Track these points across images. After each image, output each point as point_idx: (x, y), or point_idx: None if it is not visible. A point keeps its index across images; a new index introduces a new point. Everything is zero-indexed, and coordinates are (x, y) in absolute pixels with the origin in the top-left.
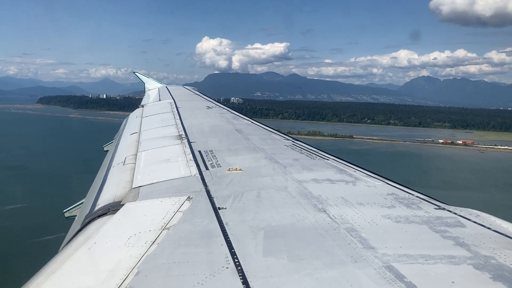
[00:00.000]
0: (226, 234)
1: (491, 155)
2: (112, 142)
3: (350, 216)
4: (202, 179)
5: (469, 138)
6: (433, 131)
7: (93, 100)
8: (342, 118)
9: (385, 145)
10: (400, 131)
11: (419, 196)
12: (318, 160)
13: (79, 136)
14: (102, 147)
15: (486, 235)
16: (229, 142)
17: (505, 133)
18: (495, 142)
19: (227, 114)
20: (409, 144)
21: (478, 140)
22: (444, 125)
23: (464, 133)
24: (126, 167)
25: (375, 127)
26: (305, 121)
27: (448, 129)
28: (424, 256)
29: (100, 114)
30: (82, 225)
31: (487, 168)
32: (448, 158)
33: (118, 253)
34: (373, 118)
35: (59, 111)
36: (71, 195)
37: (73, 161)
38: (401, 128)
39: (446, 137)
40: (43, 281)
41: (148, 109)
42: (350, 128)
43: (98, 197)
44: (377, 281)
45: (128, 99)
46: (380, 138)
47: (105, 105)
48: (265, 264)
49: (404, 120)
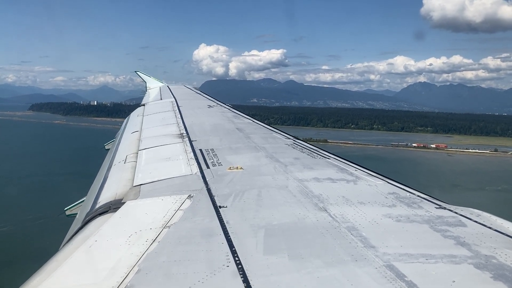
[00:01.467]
0: (227, 232)
1: (456, 158)
2: (113, 141)
3: (351, 215)
4: (203, 177)
5: (448, 142)
6: (415, 135)
7: (83, 107)
8: (327, 123)
9: (355, 149)
10: (381, 136)
11: (420, 195)
12: (319, 159)
13: (48, 141)
14: (103, 145)
15: (487, 235)
16: (230, 141)
17: (484, 137)
18: (470, 146)
19: (228, 113)
20: (380, 148)
21: (455, 144)
22: (426, 130)
23: (445, 138)
24: (127, 166)
25: (358, 132)
26: (290, 126)
27: (430, 134)
28: (425, 255)
29: (86, 120)
30: (83, 223)
31: (443, 170)
32: (409, 160)
33: (119, 251)
34: (357, 123)
35: (46, 118)
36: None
37: (22, 164)
38: (384, 133)
39: (421, 141)
40: (44, 278)
41: (149, 108)
42: (332, 133)
43: (99, 195)
44: (378, 280)
45: (119, 105)
46: (355, 142)
47: (93, 112)
48: (266, 262)
49: (387, 125)
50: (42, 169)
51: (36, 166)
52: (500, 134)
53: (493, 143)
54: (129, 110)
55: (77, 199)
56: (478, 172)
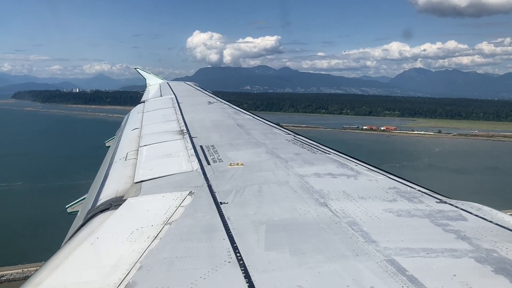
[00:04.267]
0: (228, 228)
1: (391, 139)
2: (114, 138)
3: (352, 210)
4: (204, 174)
5: (407, 125)
6: (381, 119)
7: (62, 94)
8: (298, 108)
9: (303, 131)
10: (344, 120)
11: (420, 189)
12: (319, 155)
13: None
14: (103, 143)
15: (487, 229)
16: (231, 137)
17: (448, 120)
18: (419, 128)
19: (228, 109)
20: (326, 131)
21: (409, 127)
22: (393, 114)
23: (409, 121)
24: (128, 163)
25: (327, 116)
26: (262, 112)
27: (397, 118)
28: (425, 250)
29: (60, 107)
30: (85, 220)
31: (362, 149)
32: (339, 141)
33: (121, 248)
34: (327, 108)
35: (20, 105)
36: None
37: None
38: (351, 117)
39: (381, 124)
40: (46, 275)
41: (150, 105)
42: (297, 117)
43: (100, 192)
44: (379, 274)
45: (98, 92)
46: (307, 126)
47: (71, 99)
48: (267, 258)
49: (355, 110)
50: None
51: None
52: (464, 117)
53: (451, 126)
54: (105, 98)
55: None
56: (394, 151)
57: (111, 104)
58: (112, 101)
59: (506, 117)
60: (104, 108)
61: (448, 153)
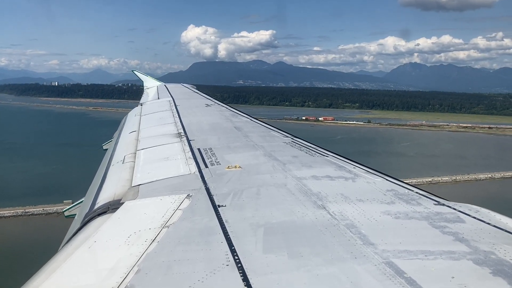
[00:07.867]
0: (226, 231)
1: (315, 128)
2: (111, 141)
3: (350, 213)
4: (202, 177)
5: (355, 116)
6: (341, 111)
7: (37, 87)
8: (263, 101)
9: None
10: (302, 112)
11: (418, 192)
12: (317, 157)
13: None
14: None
15: (485, 230)
16: (228, 140)
17: (404, 112)
18: (365, 119)
19: (226, 111)
20: (266, 120)
21: (351, 118)
22: (353, 106)
23: (363, 113)
24: (126, 166)
25: (288, 108)
26: (229, 104)
27: (356, 110)
28: (424, 252)
29: (30, 100)
30: (82, 224)
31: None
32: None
33: (118, 252)
34: (290, 101)
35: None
36: None
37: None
38: (312, 109)
39: (312, 114)
40: (43, 280)
41: (147, 107)
42: (254, 109)
43: (98, 195)
44: (377, 277)
45: (77, 85)
46: (254, 117)
47: (45, 92)
48: (265, 261)
49: (317, 102)
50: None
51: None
52: (420, 109)
53: (400, 117)
54: (79, 91)
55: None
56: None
57: (82, 97)
58: (84, 94)
59: (460, 109)
60: (72, 101)
61: (348, 139)
